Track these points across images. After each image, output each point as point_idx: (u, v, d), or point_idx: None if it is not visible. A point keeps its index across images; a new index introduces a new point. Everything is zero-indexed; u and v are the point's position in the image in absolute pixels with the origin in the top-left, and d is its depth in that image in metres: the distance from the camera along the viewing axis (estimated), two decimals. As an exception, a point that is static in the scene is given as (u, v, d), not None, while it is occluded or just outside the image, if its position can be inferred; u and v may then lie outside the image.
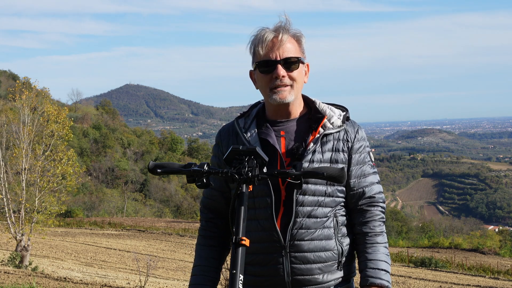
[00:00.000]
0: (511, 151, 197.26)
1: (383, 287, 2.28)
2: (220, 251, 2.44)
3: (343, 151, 2.38)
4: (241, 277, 1.91)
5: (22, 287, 11.88)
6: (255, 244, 2.29)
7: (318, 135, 2.35)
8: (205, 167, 2.07)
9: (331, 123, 2.39)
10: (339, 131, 2.39)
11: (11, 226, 19.38)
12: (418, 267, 30.32)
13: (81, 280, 14.99)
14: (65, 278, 14.88)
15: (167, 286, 17.64)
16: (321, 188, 2.33)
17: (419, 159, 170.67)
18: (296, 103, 2.40)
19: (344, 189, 2.39)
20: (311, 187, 2.31)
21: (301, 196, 2.30)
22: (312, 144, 2.33)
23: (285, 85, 2.33)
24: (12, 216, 19.39)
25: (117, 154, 77.84)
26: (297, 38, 2.38)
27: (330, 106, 2.45)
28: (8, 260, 18.70)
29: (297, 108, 2.42)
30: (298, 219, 2.30)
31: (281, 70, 2.32)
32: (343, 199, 2.40)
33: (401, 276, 25.23)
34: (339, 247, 2.35)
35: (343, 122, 2.40)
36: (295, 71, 2.34)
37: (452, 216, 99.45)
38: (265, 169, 2.08)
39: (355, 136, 2.41)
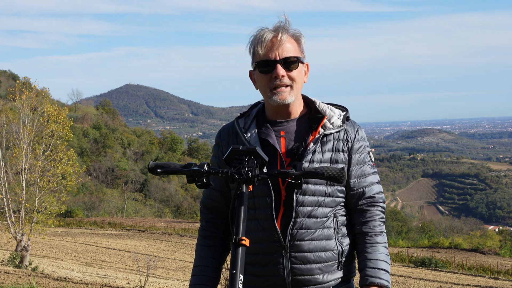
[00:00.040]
0: (511, 151, 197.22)
1: (382, 286, 2.28)
2: (220, 251, 2.44)
3: (343, 151, 2.38)
4: (241, 277, 1.91)
5: (22, 287, 11.87)
6: (255, 244, 2.29)
7: (318, 135, 2.35)
8: (205, 167, 2.07)
9: (331, 123, 2.38)
10: (339, 131, 2.39)
11: (11, 226, 19.38)
12: (418, 267, 30.32)
13: (81, 280, 14.99)
14: (65, 278, 14.88)
15: (167, 286, 17.64)
16: (321, 188, 2.32)
17: (419, 159, 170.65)
18: (296, 103, 2.40)
19: (344, 189, 2.39)
20: (311, 187, 2.31)
21: (301, 196, 2.30)
22: (312, 144, 2.33)
23: (285, 85, 2.33)
24: (12, 216, 19.39)
25: (117, 154, 77.85)
26: (296, 38, 2.38)
27: (330, 106, 2.45)
28: (8, 260, 18.71)
29: (297, 108, 2.42)
30: (298, 219, 2.30)
31: (281, 70, 2.31)
32: (343, 199, 2.40)
33: (401, 276, 25.23)
34: (339, 247, 2.35)
35: (343, 122, 2.40)
36: (294, 70, 2.34)
37: (452, 216, 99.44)
38: (265, 169, 2.08)
39: (355, 136, 2.40)
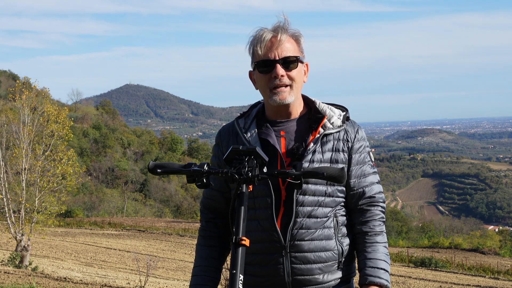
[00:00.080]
0: (511, 151, 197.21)
1: (382, 286, 2.27)
2: (220, 251, 2.44)
3: (343, 151, 2.38)
4: (241, 277, 1.91)
5: (22, 287, 11.87)
6: (255, 244, 2.29)
7: (318, 135, 2.35)
8: (205, 167, 2.07)
9: (331, 123, 2.38)
10: (339, 131, 2.39)
11: (11, 226, 19.38)
12: (418, 267, 30.32)
13: (81, 280, 14.99)
14: (65, 278, 14.88)
15: (167, 286, 17.64)
16: (321, 188, 2.32)
17: (419, 159, 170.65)
18: (296, 103, 2.40)
19: (344, 189, 2.39)
20: (311, 187, 2.31)
21: (301, 196, 2.30)
22: (312, 144, 2.33)
23: (284, 85, 2.33)
24: (12, 216, 19.39)
25: (117, 154, 77.85)
26: (295, 38, 2.38)
27: (330, 106, 2.45)
28: (8, 260, 18.70)
29: (297, 108, 2.41)
30: (298, 219, 2.30)
31: (280, 70, 2.31)
32: (343, 199, 2.40)
33: (401, 276, 25.23)
34: (339, 247, 2.35)
35: (343, 122, 2.40)
36: (294, 70, 2.34)
37: (452, 216, 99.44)
38: (265, 169, 2.08)
39: (355, 136, 2.40)
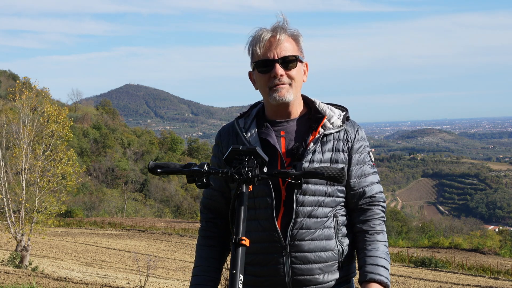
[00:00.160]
0: (511, 151, 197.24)
1: (382, 283, 2.26)
2: (221, 251, 2.44)
3: (343, 151, 2.38)
4: (241, 277, 1.91)
5: (22, 287, 11.87)
6: (256, 244, 2.29)
7: (318, 135, 2.35)
8: (205, 167, 2.07)
9: (331, 123, 2.38)
10: (339, 131, 2.39)
11: (11, 226, 19.38)
12: (418, 267, 30.31)
13: (81, 280, 14.99)
14: (65, 278, 14.87)
15: (167, 286, 17.64)
16: (321, 188, 2.32)
17: (419, 159, 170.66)
18: (295, 102, 2.40)
19: (344, 189, 2.39)
20: (311, 187, 2.31)
21: (301, 196, 2.30)
22: (312, 144, 2.33)
23: (283, 84, 2.33)
24: (12, 216, 19.38)
25: (117, 154, 77.85)
26: (294, 37, 2.38)
27: (330, 106, 2.45)
28: (8, 260, 18.70)
29: (297, 108, 2.41)
30: (299, 219, 2.30)
31: (279, 69, 2.31)
32: (343, 199, 2.40)
33: (401, 276, 25.23)
34: (339, 247, 2.35)
35: (343, 122, 2.40)
36: (293, 69, 2.34)
37: (452, 216, 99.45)
38: (265, 169, 2.07)
39: (355, 136, 2.40)
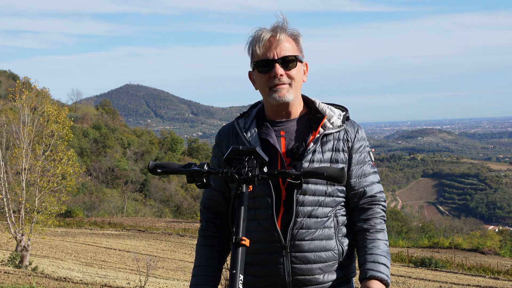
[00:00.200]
0: (511, 151, 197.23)
1: (382, 280, 2.25)
2: (221, 251, 2.44)
3: (343, 150, 2.38)
4: (241, 277, 1.91)
5: (22, 287, 11.87)
6: (256, 244, 2.29)
7: (318, 135, 2.35)
8: (205, 167, 2.07)
9: (331, 123, 2.38)
10: (339, 131, 2.39)
11: (11, 226, 19.37)
12: (418, 267, 30.30)
13: (81, 280, 14.99)
14: (65, 278, 14.87)
15: (167, 286, 17.64)
16: (322, 188, 2.32)
17: (419, 159, 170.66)
18: (295, 102, 2.40)
19: (344, 189, 2.39)
20: (311, 187, 2.31)
21: (301, 196, 2.30)
22: (312, 144, 2.33)
23: (283, 84, 2.33)
24: (12, 216, 19.38)
25: (117, 154, 77.85)
26: (294, 37, 2.38)
27: (330, 106, 2.45)
28: (8, 260, 18.70)
29: (297, 108, 2.41)
30: (299, 219, 2.30)
31: (279, 69, 2.32)
32: (344, 199, 2.40)
33: (401, 276, 25.21)
34: (339, 247, 2.34)
35: (343, 122, 2.40)
36: (293, 69, 2.34)
37: (452, 216, 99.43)
38: (265, 169, 2.07)
39: (355, 136, 2.41)
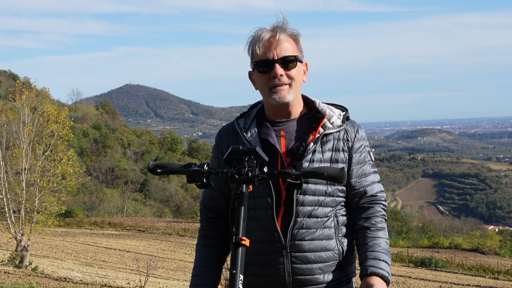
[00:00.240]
0: (511, 151, 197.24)
1: (383, 277, 2.23)
2: (221, 251, 2.44)
3: (343, 150, 2.37)
4: (241, 277, 1.91)
5: (22, 287, 11.87)
6: (256, 244, 2.29)
7: (318, 134, 2.35)
8: (205, 167, 2.07)
9: (331, 123, 2.38)
10: (339, 131, 2.39)
11: (11, 226, 19.37)
12: (418, 267, 30.30)
13: (81, 280, 14.98)
14: (65, 278, 14.87)
15: (167, 286, 17.64)
16: (322, 187, 2.32)
17: (419, 159, 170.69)
18: (296, 102, 2.40)
19: (344, 188, 2.39)
20: (311, 186, 2.31)
21: (301, 196, 2.30)
22: (312, 143, 2.33)
23: (283, 84, 2.33)
24: (12, 216, 19.38)
25: (117, 154, 77.85)
26: (294, 37, 2.38)
27: (330, 106, 2.45)
28: (8, 260, 18.70)
29: (297, 108, 2.41)
30: (299, 219, 2.30)
31: (279, 69, 2.32)
32: (344, 199, 2.40)
33: (401, 276, 25.21)
34: (339, 247, 2.34)
35: (343, 121, 2.40)
36: (293, 69, 2.34)
37: (452, 216, 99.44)
38: (265, 169, 2.07)
39: (355, 136, 2.41)
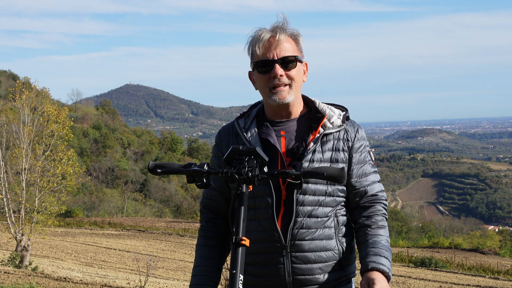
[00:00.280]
0: (511, 151, 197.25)
1: (384, 272, 2.21)
2: (221, 251, 2.44)
3: (343, 150, 2.37)
4: (241, 277, 1.91)
5: (22, 287, 11.87)
6: (256, 244, 2.29)
7: (318, 134, 2.35)
8: (205, 167, 2.06)
9: (331, 123, 2.38)
10: (339, 131, 2.39)
11: (11, 226, 19.37)
12: (418, 267, 30.30)
13: (81, 280, 14.98)
14: (65, 278, 14.87)
15: (167, 286, 17.64)
16: (322, 187, 2.32)
17: (419, 159, 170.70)
18: (296, 103, 2.39)
19: (345, 188, 2.38)
20: (311, 186, 2.31)
21: (301, 195, 2.30)
22: (312, 143, 2.33)
23: (283, 84, 2.33)
24: (12, 216, 19.38)
25: (117, 154, 77.85)
26: (294, 37, 2.38)
27: (329, 106, 2.45)
28: (8, 260, 18.70)
29: (297, 108, 2.41)
30: (299, 219, 2.30)
31: (279, 70, 2.31)
32: (344, 199, 2.39)
33: (401, 276, 25.21)
34: (339, 247, 2.34)
35: (343, 121, 2.40)
36: (293, 70, 2.34)
37: (452, 216, 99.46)
38: (265, 169, 2.07)
39: (355, 136, 2.41)
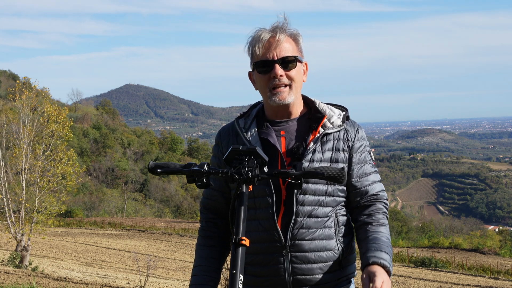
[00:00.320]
0: (511, 151, 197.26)
1: (385, 267, 2.20)
2: (220, 251, 2.43)
3: (343, 150, 2.37)
4: (241, 277, 1.91)
5: (22, 287, 11.87)
6: (256, 244, 2.29)
7: (318, 134, 2.35)
8: (205, 167, 2.06)
9: (331, 123, 2.38)
10: (339, 131, 2.39)
11: (11, 226, 19.37)
12: (418, 267, 30.30)
13: (81, 280, 14.98)
14: (65, 278, 14.87)
15: (167, 286, 17.64)
16: (322, 187, 2.32)
17: (419, 159, 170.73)
18: (296, 103, 2.39)
19: (345, 188, 2.38)
20: (311, 186, 2.31)
21: (301, 195, 2.30)
22: (312, 143, 2.33)
23: (283, 85, 2.33)
24: (12, 216, 19.38)
25: (117, 154, 77.86)
26: (294, 38, 2.38)
27: (329, 106, 2.45)
28: (8, 260, 18.70)
29: (297, 108, 2.41)
30: (299, 219, 2.30)
31: (279, 70, 2.31)
32: (344, 199, 2.39)
33: (401, 276, 25.21)
34: (339, 246, 2.34)
35: (343, 121, 2.40)
36: (293, 70, 2.34)
37: (452, 216, 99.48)
38: (265, 169, 2.07)
39: (355, 136, 2.41)
